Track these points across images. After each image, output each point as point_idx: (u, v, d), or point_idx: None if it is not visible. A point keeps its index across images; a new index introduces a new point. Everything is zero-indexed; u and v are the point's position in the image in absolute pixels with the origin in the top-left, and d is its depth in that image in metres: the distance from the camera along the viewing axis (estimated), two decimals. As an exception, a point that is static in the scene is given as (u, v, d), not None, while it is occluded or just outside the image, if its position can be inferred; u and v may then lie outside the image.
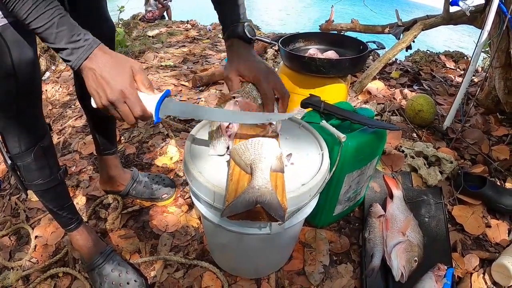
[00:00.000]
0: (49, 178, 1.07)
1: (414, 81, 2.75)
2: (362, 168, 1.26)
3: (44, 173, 1.06)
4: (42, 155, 1.03)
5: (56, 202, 1.15)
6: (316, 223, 1.40)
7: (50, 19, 0.70)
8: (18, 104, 0.92)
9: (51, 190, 1.11)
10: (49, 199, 1.14)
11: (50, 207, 1.16)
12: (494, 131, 2.04)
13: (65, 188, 1.19)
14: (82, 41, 0.74)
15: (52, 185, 1.09)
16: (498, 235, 1.42)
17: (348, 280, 1.24)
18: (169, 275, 1.27)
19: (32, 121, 0.99)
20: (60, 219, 1.21)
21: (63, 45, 0.73)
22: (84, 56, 0.74)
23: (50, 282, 1.29)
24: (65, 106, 2.55)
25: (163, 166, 1.80)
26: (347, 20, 3.54)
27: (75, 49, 0.74)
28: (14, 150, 0.98)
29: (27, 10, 0.69)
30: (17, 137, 0.97)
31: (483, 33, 1.73)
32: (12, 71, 0.86)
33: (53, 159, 1.09)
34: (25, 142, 0.98)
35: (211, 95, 2.58)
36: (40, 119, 1.03)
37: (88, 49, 0.75)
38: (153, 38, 4.63)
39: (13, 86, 0.89)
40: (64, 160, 1.89)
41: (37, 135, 1.01)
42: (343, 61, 1.66)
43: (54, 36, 0.72)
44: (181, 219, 1.48)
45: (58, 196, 1.16)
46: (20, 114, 0.95)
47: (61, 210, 1.17)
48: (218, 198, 0.86)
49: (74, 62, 0.75)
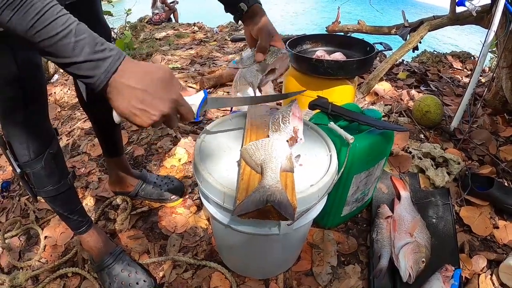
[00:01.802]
0: (58, 184, 1.07)
1: (421, 82, 2.75)
2: (370, 169, 1.26)
3: (53, 179, 1.05)
4: (51, 161, 1.02)
5: (66, 206, 1.15)
6: (324, 224, 1.41)
7: (66, 26, 0.57)
8: (25, 110, 0.91)
9: (61, 196, 1.10)
10: (59, 204, 1.14)
11: (60, 211, 1.15)
12: (502, 132, 2.03)
13: (74, 192, 1.19)
14: (107, 51, 0.61)
15: (62, 190, 1.09)
16: (506, 236, 1.41)
17: (355, 281, 1.24)
18: (177, 275, 1.28)
19: (40, 127, 0.98)
20: (71, 223, 1.21)
21: (85, 57, 0.59)
22: (113, 68, 0.62)
23: (59, 282, 1.31)
24: (73, 108, 2.58)
25: (171, 168, 1.82)
26: (353, 21, 3.54)
27: (101, 60, 0.60)
28: (23, 158, 0.97)
29: (33, 16, 0.55)
30: (26, 144, 0.95)
31: (490, 33, 1.73)
32: (17, 76, 0.84)
33: (62, 164, 1.09)
34: (34, 149, 0.97)
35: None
36: (48, 124, 1.02)
37: (117, 60, 0.62)
38: (161, 40, 4.66)
39: (19, 92, 0.87)
40: (73, 161, 1.92)
41: (46, 141, 1.00)
42: (350, 62, 1.67)
43: (72, 46, 0.58)
44: (189, 220, 1.50)
45: (68, 201, 1.16)
46: (28, 120, 0.93)
47: (71, 214, 1.17)
48: (228, 199, 0.87)
49: (101, 77, 0.61)
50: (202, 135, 1.07)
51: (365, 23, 3.39)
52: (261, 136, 0.99)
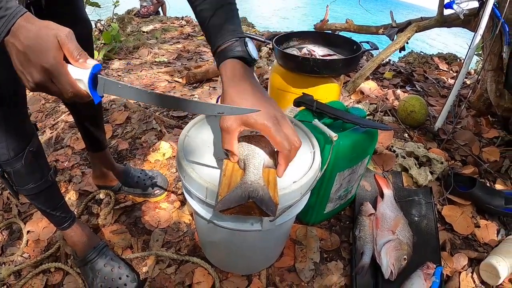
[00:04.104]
0: (40, 181, 1.05)
1: (407, 82, 2.77)
2: (353, 167, 1.27)
3: (35, 176, 1.03)
4: (32, 159, 0.99)
5: (49, 203, 1.13)
6: (307, 221, 1.41)
7: None
8: (1, 108, 0.88)
9: (43, 193, 1.08)
10: (41, 201, 1.12)
11: (42, 208, 1.13)
12: (485, 133, 2.06)
13: (56, 189, 1.17)
14: (3, 10, 0.59)
15: (44, 187, 1.07)
16: (487, 235, 1.44)
17: (338, 277, 1.25)
18: (160, 270, 1.28)
19: (19, 124, 0.95)
20: (53, 219, 1.19)
21: None
22: (5, 28, 0.59)
23: (42, 277, 1.29)
24: (57, 100, 2.54)
25: (155, 162, 1.80)
26: (341, 20, 3.55)
27: None
28: (3, 157, 0.94)
29: None
30: (5, 143, 0.92)
31: (476, 36, 1.75)
32: None
33: (43, 161, 1.07)
34: (14, 147, 0.94)
35: (205, 92, 2.58)
36: (27, 121, 0.99)
37: (10, 20, 0.59)
38: (148, 33, 4.62)
39: None
40: (56, 155, 1.89)
41: (25, 138, 0.97)
42: (336, 61, 1.67)
43: None
44: (173, 215, 1.49)
45: (50, 198, 1.14)
46: (5, 118, 0.90)
47: (54, 210, 1.15)
48: (210, 194, 0.87)
49: None
50: (186, 130, 1.06)
51: (353, 22, 3.41)
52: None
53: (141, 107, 2.29)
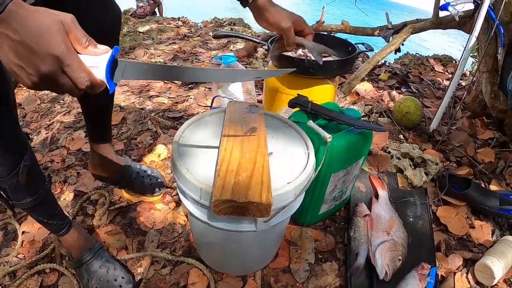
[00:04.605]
0: (36, 194, 1.02)
1: (402, 84, 2.78)
2: (348, 168, 1.27)
3: (31, 190, 1.01)
4: (27, 173, 0.94)
5: (45, 214, 1.12)
6: (302, 222, 1.42)
7: None
8: None
9: (39, 205, 1.06)
10: (38, 212, 1.10)
11: (39, 219, 1.12)
12: (480, 134, 2.07)
13: (52, 198, 1.15)
14: None
15: (40, 200, 1.04)
16: (481, 236, 1.44)
17: (333, 278, 1.25)
18: (155, 271, 1.28)
19: (10, 140, 0.89)
20: (51, 227, 1.17)
21: None
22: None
23: (37, 278, 1.28)
24: (53, 101, 2.53)
25: (151, 163, 1.80)
26: (337, 21, 3.56)
27: None
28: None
29: None
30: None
31: (472, 38, 1.76)
32: None
33: (38, 174, 1.04)
34: (7, 164, 0.89)
35: (200, 92, 2.58)
36: (19, 135, 0.93)
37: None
38: (144, 34, 4.60)
39: None
40: (51, 155, 1.88)
41: (18, 154, 0.92)
42: (331, 62, 1.67)
43: None
44: (168, 216, 1.49)
45: (47, 208, 1.12)
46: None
47: (50, 219, 1.13)
48: (204, 195, 0.87)
49: None
50: (180, 131, 1.06)
51: (348, 24, 3.42)
52: (239, 132, 0.99)
53: (136, 107, 2.29)
